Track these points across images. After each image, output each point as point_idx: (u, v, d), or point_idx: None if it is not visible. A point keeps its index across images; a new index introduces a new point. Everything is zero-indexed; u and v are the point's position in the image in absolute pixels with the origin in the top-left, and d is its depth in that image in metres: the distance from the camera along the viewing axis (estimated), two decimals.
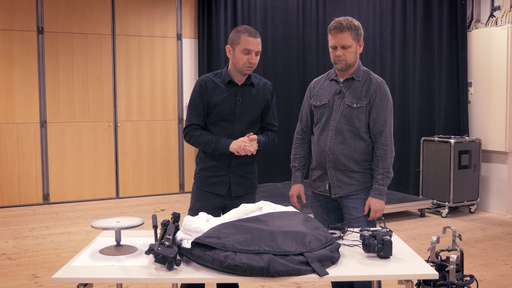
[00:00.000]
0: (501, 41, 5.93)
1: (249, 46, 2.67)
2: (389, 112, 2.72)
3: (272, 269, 1.89)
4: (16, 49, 6.59)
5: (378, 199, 2.68)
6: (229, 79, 2.76)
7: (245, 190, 2.84)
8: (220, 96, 2.74)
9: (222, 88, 2.75)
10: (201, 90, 2.75)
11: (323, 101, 2.79)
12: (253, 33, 2.69)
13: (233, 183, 2.79)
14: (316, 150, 2.82)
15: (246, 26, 2.74)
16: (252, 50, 2.68)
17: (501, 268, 4.20)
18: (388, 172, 2.70)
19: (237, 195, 2.81)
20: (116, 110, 7.15)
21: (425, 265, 2.04)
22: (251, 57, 2.68)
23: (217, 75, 2.80)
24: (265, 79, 2.91)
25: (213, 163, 2.78)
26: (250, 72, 2.74)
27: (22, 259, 4.45)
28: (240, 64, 2.70)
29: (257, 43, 2.68)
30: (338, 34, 2.65)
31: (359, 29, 2.69)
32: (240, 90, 2.77)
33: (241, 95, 2.77)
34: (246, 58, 2.68)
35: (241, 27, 2.73)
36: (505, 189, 6.04)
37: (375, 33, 7.20)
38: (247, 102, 2.78)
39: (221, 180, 2.78)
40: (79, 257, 2.14)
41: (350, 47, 2.66)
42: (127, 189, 7.27)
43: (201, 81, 2.78)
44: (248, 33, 2.68)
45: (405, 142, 6.89)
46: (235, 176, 2.79)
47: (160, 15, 7.34)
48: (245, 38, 2.67)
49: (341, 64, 2.70)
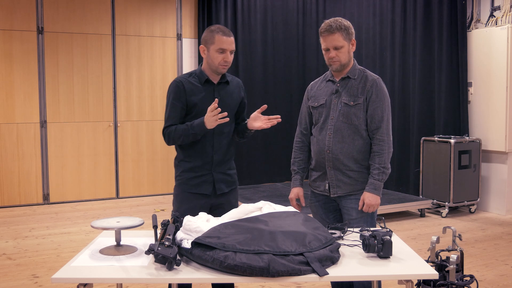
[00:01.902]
0: (501, 41, 5.93)
1: (224, 45, 2.69)
2: (386, 108, 2.73)
3: (272, 269, 1.89)
4: (16, 49, 6.59)
5: (373, 193, 2.68)
6: (205, 78, 2.78)
7: (229, 186, 2.86)
8: (199, 96, 2.76)
9: (200, 88, 2.77)
10: (179, 91, 2.75)
11: (321, 102, 2.81)
12: (226, 32, 2.71)
13: (217, 181, 2.80)
14: (315, 150, 2.82)
15: (219, 26, 2.75)
16: (227, 49, 2.70)
17: (501, 268, 4.21)
18: (385, 167, 2.69)
19: (222, 192, 2.82)
20: (116, 110, 7.15)
21: (425, 265, 2.04)
22: (226, 56, 2.70)
23: (192, 75, 2.81)
24: (236, 77, 2.95)
25: (195, 163, 2.78)
26: (225, 71, 2.77)
27: (22, 259, 4.45)
28: (215, 63, 2.72)
29: (231, 41, 2.71)
30: (329, 36, 2.68)
31: (349, 29, 2.71)
32: (217, 89, 2.80)
33: (219, 93, 2.80)
34: (221, 57, 2.70)
35: (214, 26, 2.75)
36: (505, 189, 6.04)
37: (375, 33, 7.20)
38: (225, 100, 2.81)
39: (205, 179, 2.79)
40: (79, 257, 2.14)
41: (343, 47, 2.69)
42: (127, 189, 7.27)
43: (178, 82, 2.77)
44: (222, 33, 2.70)
45: (405, 142, 6.90)
46: (218, 174, 2.81)
47: (160, 15, 7.34)
48: (219, 38, 2.69)
49: (336, 65, 2.72)
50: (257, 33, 7.78)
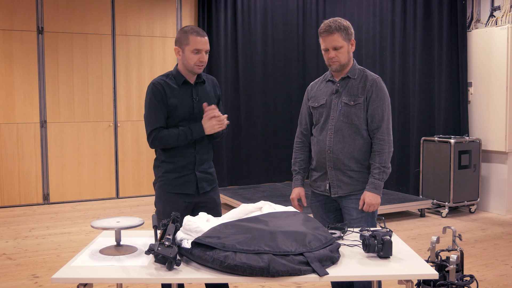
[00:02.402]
0: (501, 41, 5.93)
1: (199, 45, 2.69)
2: (387, 107, 2.73)
3: (272, 269, 1.89)
4: (16, 49, 6.59)
5: (373, 193, 2.68)
6: (183, 80, 2.77)
7: (210, 185, 2.87)
8: (178, 97, 2.75)
9: (178, 89, 2.77)
10: (159, 93, 2.74)
11: (321, 102, 2.81)
12: (201, 33, 2.71)
13: (200, 180, 2.81)
14: (315, 150, 2.83)
15: (192, 26, 2.75)
16: (202, 49, 2.70)
17: (501, 268, 4.21)
18: (385, 167, 2.69)
19: (204, 191, 2.83)
20: (116, 110, 7.15)
21: (425, 265, 2.04)
22: (201, 56, 2.71)
23: (168, 77, 2.80)
24: (209, 75, 2.95)
25: (178, 163, 2.79)
26: (201, 71, 2.78)
27: (22, 259, 4.45)
28: (191, 64, 2.72)
29: (205, 41, 2.71)
30: (328, 36, 2.68)
31: (348, 29, 2.71)
32: (195, 89, 2.81)
33: (197, 93, 2.81)
34: (196, 57, 2.70)
35: (187, 27, 2.74)
36: (505, 189, 6.04)
37: (375, 33, 7.20)
38: (203, 100, 2.81)
39: (189, 179, 2.79)
40: (79, 257, 2.14)
41: (342, 47, 2.69)
42: (127, 189, 7.27)
43: (156, 84, 2.75)
44: (196, 33, 2.69)
45: (405, 142, 6.90)
46: (201, 173, 2.82)
47: (160, 15, 7.34)
48: (193, 38, 2.69)
49: (335, 65, 2.72)
50: (257, 33, 7.78)
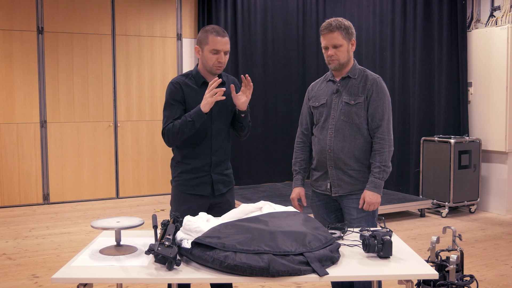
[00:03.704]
0: (501, 41, 5.93)
1: (218, 46, 2.65)
2: (387, 107, 2.74)
3: (272, 269, 1.89)
4: (16, 49, 6.59)
5: (373, 192, 2.68)
6: (202, 81, 2.75)
7: (226, 186, 2.85)
8: (196, 98, 2.73)
9: (197, 90, 2.74)
10: (177, 92, 2.72)
11: (321, 101, 2.81)
12: (221, 33, 2.67)
13: (216, 182, 2.79)
14: (316, 150, 2.83)
15: (214, 26, 2.71)
16: (221, 50, 2.66)
17: (501, 268, 4.21)
18: (386, 166, 2.70)
19: (220, 193, 2.82)
20: (116, 110, 7.15)
21: (425, 265, 2.04)
22: (220, 57, 2.67)
23: (188, 76, 2.78)
24: (231, 76, 2.91)
25: (194, 165, 2.77)
26: (220, 72, 2.74)
27: (22, 259, 4.45)
28: (209, 64, 2.69)
29: (225, 42, 2.67)
30: (328, 34, 2.70)
31: (349, 28, 2.72)
32: None
33: None
34: (215, 58, 2.67)
35: (209, 26, 2.71)
36: (505, 189, 6.04)
37: (375, 33, 7.20)
38: (222, 101, 2.77)
39: (204, 180, 2.77)
40: (79, 257, 2.14)
41: (342, 46, 2.70)
42: (127, 189, 7.27)
43: (175, 83, 2.74)
44: (216, 33, 2.66)
45: (405, 142, 6.90)
46: (217, 175, 2.79)
47: (160, 15, 7.34)
48: (213, 38, 2.65)
49: (334, 63, 2.73)
50: (257, 33, 7.78)
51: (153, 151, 7.38)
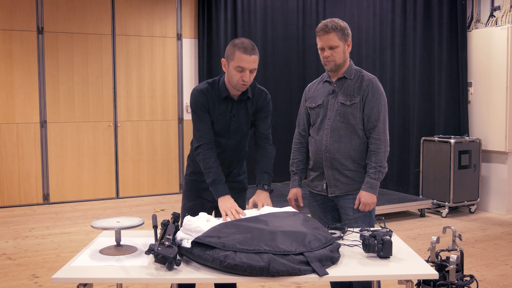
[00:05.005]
0: (501, 41, 5.93)
1: (243, 64, 2.48)
2: (383, 107, 2.74)
3: (272, 268, 1.89)
4: (16, 49, 6.59)
5: (369, 192, 2.68)
6: (226, 94, 2.62)
7: (238, 192, 2.79)
8: (217, 112, 2.64)
9: (218, 103, 2.64)
10: (204, 100, 2.61)
11: (318, 102, 2.82)
12: (249, 50, 2.48)
13: None
14: (313, 150, 2.84)
15: (243, 40, 2.52)
16: (246, 68, 2.49)
17: (501, 268, 4.20)
18: (381, 166, 2.70)
19: None
20: (116, 110, 7.15)
21: (425, 265, 2.04)
22: (244, 75, 2.50)
23: (213, 87, 2.64)
24: (261, 87, 2.77)
25: None
26: (244, 89, 2.60)
27: (22, 259, 4.45)
28: (234, 81, 2.54)
29: (252, 60, 2.49)
30: (324, 35, 2.69)
31: (345, 29, 2.72)
32: (236, 105, 2.66)
33: (236, 110, 2.67)
34: (239, 75, 2.51)
35: (238, 40, 2.53)
36: (505, 189, 6.04)
37: (375, 33, 7.19)
38: (241, 117, 2.68)
39: None
40: (79, 257, 2.14)
41: (338, 47, 2.69)
42: (127, 189, 7.27)
43: (201, 92, 2.62)
44: (243, 49, 2.47)
45: (405, 142, 6.89)
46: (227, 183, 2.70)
47: (160, 15, 7.34)
48: (239, 55, 2.47)
49: (330, 65, 2.73)
50: (257, 33, 7.78)
51: (153, 151, 7.38)
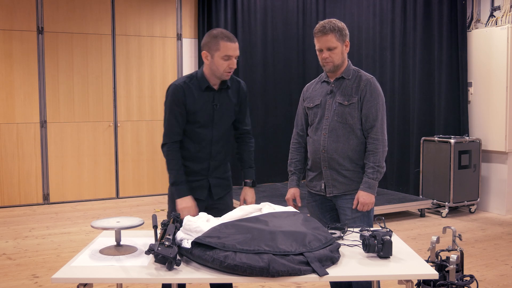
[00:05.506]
0: (501, 41, 5.93)
1: (230, 52, 2.59)
2: (381, 107, 2.75)
3: (272, 269, 1.89)
4: (16, 49, 6.59)
5: (367, 192, 2.69)
6: (206, 85, 2.67)
7: (225, 190, 2.83)
8: (199, 103, 2.66)
9: (199, 94, 2.67)
10: (178, 96, 2.64)
11: (316, 102, 2.82)
12: (232, 38, 2.61)
13: (213, 186, 2.77)
14: (311, 150, 2.84)
15: (222, 30, 2.63)
16: (233, 56, 2.60)
17: (501, 268, 4.21)
18: (379, 166, 2.70)
19: (219, 197, 2.80)
20: (116, 110, 7.15)
21: (425, 265, 2.04)
22: (231, 63, 2.61)
23: (192, 79, 2.69)
24: (237, 79, 2.84)
25: (191, 168, 2.73)
26: (229, 77, 2.69)
27: (22, 259, 4.45)
28: (220, 70, 2.61)
29: (236, 47, 2.62)
30: (322, 37, 2.69)
31: (343, 30, 2.73)
32: (218, 95, 2.71)
33: (218, 99, 2.71)
34: (226, 64, 2.60)
35: (217, 31, 2.62)
36: (505, 189, 6.04)
37: (375, 33, 7.19)
38: (224, 106, 2.73)
39: (201, 184, 2.75)
40: (79, 257, 2.14)
41: (336, 48, 2.70)
42: (127, 189, 7.27)
43: (178, 87, 2.65)
44: (227, 38, 2.59)
45: (405, 142, 6.89)
46: (214, 179, 2.76)
47: (160, 15, 7.34)
48: (224, 44, 2.58)
49: (329, 66, 2.74)
50: (257, 33, 7.78)
51: (153, 151, 7.38)
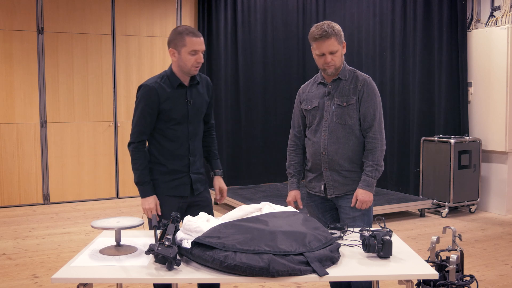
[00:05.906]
0: (501, 41, 5.93)
1: (196, 46, 2.64)
2: (378, 106, 2.77)
3: (272, 269, 1.89)
4: (16, 49, 6.59)
5: (365, 190, 2.70)
6: (178, 83, 2.71)
7: (203, 185, 2.88)
8: (173, 101, 2.70)
9: (172, 92, 2.71)
10: (151, 97, 2.67)
11: (314, 104, 2.82)
12: (196, 33, 2.65)
13: (194, 181, 2.80)
14: (310, 152, 2.84)
15: (187, 26, 2.68)
16: (199, 50, 2.65)
17: (501, 268, 4.21)
18: (378, 165, 2.72)
19: (199, 192, 2.83)
20: (116, 110, 7.15)
21: (425, 265, 2.04)
22: (198, 57, 2.66)
23: (163, 79, 2.72)
24: (204, 75, 2.90)
25: (172, 166, 2.75)
26: (197, 72, 2.73)
27: (22, 259, 4.45)
28: (188, 65, 2.66)
29: (202, 42, 2.66)
30: (325, 41, 2.68)
31: (341, 32, 2.75)
32: (190, 91, 2.76)
33: (191, 95, 2.77)
34: (193, 59, 2.65)
35: (181, 27, 2.67)
36: (505, 189, 6.04)
37: (375, 33, 7.19)
38: (197, 102, 2.79)
39: (183, 181, 2.77)
40: (79, 257, 2.14)
41: (337, 51, 2.72)
42: (127, 189, 7.27)
43: (150, 87, 2.67)
44: (192, 34, 2.63)
45: (405, 142, 6.89)
46: (195, 175, 2.80)
47: (160, 15, 7.34)
48: (190, 39, 2.63)
49: (331, 69, 2.74)
50: (257, 33, 7.78)
51: None
